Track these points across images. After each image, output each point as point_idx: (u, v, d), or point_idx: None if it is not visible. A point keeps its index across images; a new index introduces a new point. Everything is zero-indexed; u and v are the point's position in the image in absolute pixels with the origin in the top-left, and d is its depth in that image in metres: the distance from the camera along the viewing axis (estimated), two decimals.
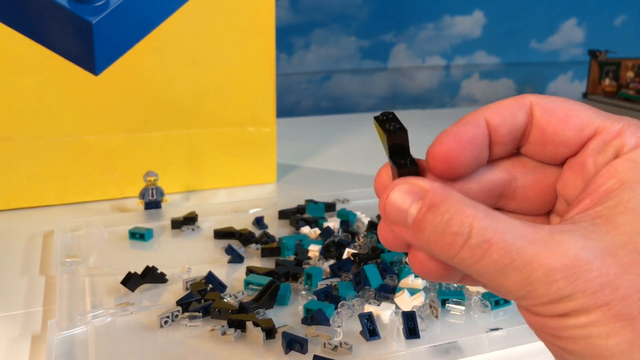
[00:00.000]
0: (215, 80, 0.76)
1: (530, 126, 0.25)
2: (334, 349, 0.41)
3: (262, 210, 0.71)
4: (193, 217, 0.66)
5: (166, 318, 0.45)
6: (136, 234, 0.63)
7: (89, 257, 0.58)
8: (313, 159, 0.98)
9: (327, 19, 1.63)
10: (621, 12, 1.81)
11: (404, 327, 0.43)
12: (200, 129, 0.78)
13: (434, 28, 1.72)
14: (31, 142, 0.70)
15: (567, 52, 1.83)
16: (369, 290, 0.49)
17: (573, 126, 0.24)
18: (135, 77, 0.72)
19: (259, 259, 0.58)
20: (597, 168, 0.23)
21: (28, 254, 0.60)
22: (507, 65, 1.80)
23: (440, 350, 0.41)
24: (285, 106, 1.64)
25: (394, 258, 0.54)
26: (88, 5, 0.68)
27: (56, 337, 0.42)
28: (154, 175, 0.69)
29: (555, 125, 0.24)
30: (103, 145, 0.73)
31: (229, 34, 0.75)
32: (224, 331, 0.43)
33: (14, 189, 0.71)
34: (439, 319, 0.46)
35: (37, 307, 0.49)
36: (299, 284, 0.51)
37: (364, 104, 1.74)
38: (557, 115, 0.24)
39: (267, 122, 0.81)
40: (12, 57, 0.67)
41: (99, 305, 0.48)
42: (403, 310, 0.45)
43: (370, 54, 1.70)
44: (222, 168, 0.80)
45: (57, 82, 0.69)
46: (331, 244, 0.57)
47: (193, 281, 0.51)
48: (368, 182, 0.84)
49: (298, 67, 1.64)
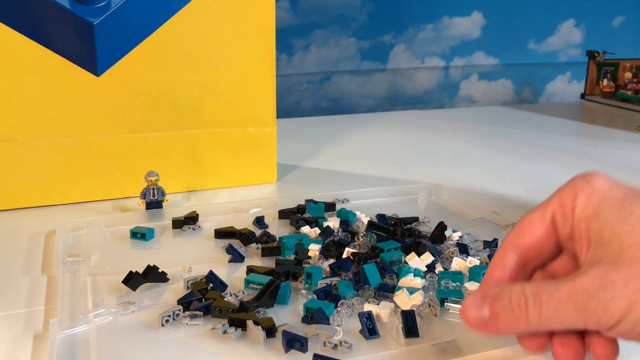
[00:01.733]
0: (216, 81, 0.77)
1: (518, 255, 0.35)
2: (333, 348, 0.41)
3: (262, 210, 0.71)
4: (194, 216, 0.67)
5: (167, 317, 0.45)
6: (137, 233, 0.63)
7: (91, 256, 0.58)
8: (313, 159, 0.98)
9: (327, 20, 1.64)
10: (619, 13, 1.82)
11: (403, 326, 0.43)
12: (201, 129, 0.78)
13: (433, 29, 1.72)
14: (33, 142, 0.71)
15: (565, 53, 1.83)
16: (369, 289, 0.49)
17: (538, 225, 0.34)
18: (136, 78, 0.73)
19: (260, 258, 0.58)
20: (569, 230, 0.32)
21: (30, 253, 0.60)
22: (506, 66, 1.81)
23: (439, 349, 0.41)
24: (286, 107, 1.65)
25: (394, 257, 0.54)
26: (89, 6, 0.69)
27: (58, 336, 0.43)
28: (155, 175, 0.69)
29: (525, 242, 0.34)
30: (104, 145, 0.74)
31: (229, 35, 0.76)
32: (225, 330, 0.44)
33: (16, 189, 0.71)
34: (438, 318, 0.46)
35: (39, 306, 0.49)
36: (299, 283, 0.51)
37: (364, 104, 1.74)
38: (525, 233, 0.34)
39: (267, 123, 0.81)
40: (14, 58, 0.67)
41: (101, 305, 0.49)
42: (402, 309, 0.46)
43: (369, 54, 1.70)
44: (222, 168, 0.81)
45: (58, 82, 0.70)
46: (331, 244, 0.58)
47: (194, 280, 0.51)
48: (368, 182, 0.85)
49: (298, 68, 1.65)
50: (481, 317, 0.30)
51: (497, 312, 0.30)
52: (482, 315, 0.30)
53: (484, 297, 0.31)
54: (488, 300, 0.30)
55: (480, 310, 0.30)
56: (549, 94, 1.87)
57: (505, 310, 0.29)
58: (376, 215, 0.66)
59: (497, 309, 0.30)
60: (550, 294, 0.28)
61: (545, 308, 0.28)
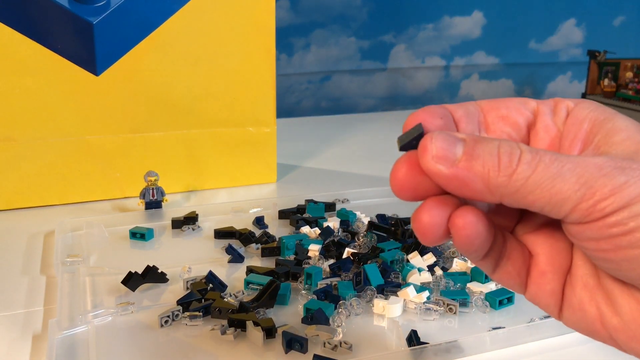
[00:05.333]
0: (216, 81, 0.77)
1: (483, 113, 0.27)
2: (333, 349, 0.41)
3: (262, 210, 0.71)
4: (193, 216, 0.66)
5: (167, 317, 0.45)
6: (137, 233, 0.63)
7: (90, 256, 0.58)
8: (313, 159, 0.98)
9: (327, 20, 1.64)
10: (620, 13, 1.82)
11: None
12: (201, 129, 0.78)
13: (433, 29, 1.72)
14: (32, 142, 0.71)
15: (566, 53, 1.83)
16: (369, 289, 0.49)
17: (515, 101, 0.27)
18: (136, 78, 0.73)
19: (259, 258, 0.58)
20: (559, 126, 0.26)
21: (29, 253, 0.60)
22: (507, 65, 1.81)
23: (441, 350, 0.41)
24: (286, 106, 1.64)
25: (396, 256, 0.54)
26: (89, 5, 0.68)
27: (57, 337, 0.42)
28: (154, 175, 0.69)
29: (499, 103, 0.27)
30: (104, 145, 0.73)
31: (229, 34, 0.75)
32: (224, 331, 0.43)
33: (15, 188, 0.71)
34: (457, 315, 0.47)
35: (38, 307, 0.49)
36: (299, 283, 0.51)
37: (364, 104, 1.74)
38: (498, 99, 0.27)
39: (267, 122, 0.81)
40: (13, 58, 0.67)
41: (100, 305, 0.48)
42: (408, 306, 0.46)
43: (370, 54, 1.70)
44: (222, 168, 0.80)
45: (58, 82, 0.70)
46: (331, 244, 0.57)
47: (193, 281, 0.51)
48: (368, 182, 0.85)
49: (298, 68, 1.64)
50: (449, 154, 0.23)
51: (475, 155, 0.22)
52: (452, 153, 0.23)
53: (457, 136, 0.23)
54: (466, 140, 0.23)
55: (451, 147, 0.23)
56: (550, 94, 1.87)
57: (488, 156, 0.22)
58: (376, 215, 0.66)
59: (477, 151, 0.23)
60: (553, 157, 0.22)
61: (542, 169, 0.22)
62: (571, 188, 0.21)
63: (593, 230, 0.22)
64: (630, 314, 0.23)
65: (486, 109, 0.27)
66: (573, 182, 0.21)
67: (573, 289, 0.25)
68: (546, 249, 0.25)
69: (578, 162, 0.22)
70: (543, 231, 0.26)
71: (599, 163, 0.22)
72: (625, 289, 0.23)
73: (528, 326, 0.44)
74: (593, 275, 0.24)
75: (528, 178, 0.22)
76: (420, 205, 0.24)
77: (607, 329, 0.24)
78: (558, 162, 0.22)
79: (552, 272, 0.25)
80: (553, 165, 0.22)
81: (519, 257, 0.25)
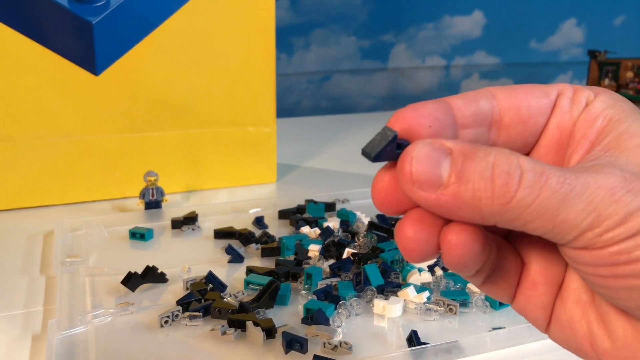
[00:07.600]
0: (216, 81, 0.76)
1: (499, 111, 0.23)
2: (333, 349, 0.41)
3: (262, 210, 0.71)
4: (193, 217, 0.66)
5: (166, 318, 0.45)
6: (136, 233, 0.63)
7: (89, 257, 0.58)
8: (313, 159, 0.98)
9: (327, 19, 1.63)
10: (621, 13, 1.81)
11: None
12: (201, 129, 0.78)
13: (433, 28, 1.72)
14: (31, 142, 0.70)
15: (566, 52, 1.83)
16: (369, 289, 0.49)
17: (538, 94, 0.23)
18: (135, 77, 0.72)
19: (259, 258, 0.58)
20: (574, 119, 0.23)
21: (28, 253, 0.60)
22: (507, 65, 1.80)
23: (442, 350, 0.41)
24: (285, 106, 1.64)
25: (396, 256, 0.54)
26: (88, 5, 0.68)
27: (56, 337, 0.42)
28: (154, 175, 0.69)
29: (520, 100, 0.23)
30: (103, 145, 0.73)
31: (229, 34, 0.75)
32: (224, 331, 0.43)
33: (14, 188, 0.71)
34: (457, 315, 0.46)
35: (38, 307, 0.49)
36: (299, 283, 0.51)
37: (364, 104, 1.74)
38: (519, 91, 0.23)
39: (267, 122, 0.81)
40: (13, 58, 0.67)
41: (99, 305, 0.48)
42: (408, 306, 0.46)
43: (370, 54, 1.70)
44: (222, 168, 0.80)
45: (57, 82, 0.69)
46: (331, 244, 0.57)
47: (193, 281, 0.51)
48: (368, 182, 0.84)
49: (298, 67, 1.64)
50: (432, 177, 0.19)
51: (464, 177, 0.19)
52: (436, 175, 0.19)
53: (443, 147, 0.20)
54: (453, 154, 0.19)
55: (435, 168, 0.19)
56: None
57: (479, 179, 0.19)
58: (376, 215, 0.66)
59: (466, 171, 0.19)
60: (561, 178, 0.19)
61: (547, 195, 0.18)
62: (579, 216, 0.19)
63: (594, 256, 0.19)
64: (624, 339, 0.21)
65: (505, 108, 0.23)
66: (580, 209, 0.19)
67: (564, 304, 0.23)
68: (540, 258, 0.23)
69: (588, 184, 0.19)
70: (538, 239, 0.23)
71: (611, 185, 0.19)
72: (622, 311, 0.21)
73: (528, 326, 0.44)
74: (587, 291, 0.22)
75: (529, 206, 0.19)
76: (404, 216, 0.21)
77: (596, 351, 0.22)
78: (567, 186, 0.19)
79: (544, 283, 0.23)
80: (561, 189, 0.19)
81: (511, 267, 0.23)
